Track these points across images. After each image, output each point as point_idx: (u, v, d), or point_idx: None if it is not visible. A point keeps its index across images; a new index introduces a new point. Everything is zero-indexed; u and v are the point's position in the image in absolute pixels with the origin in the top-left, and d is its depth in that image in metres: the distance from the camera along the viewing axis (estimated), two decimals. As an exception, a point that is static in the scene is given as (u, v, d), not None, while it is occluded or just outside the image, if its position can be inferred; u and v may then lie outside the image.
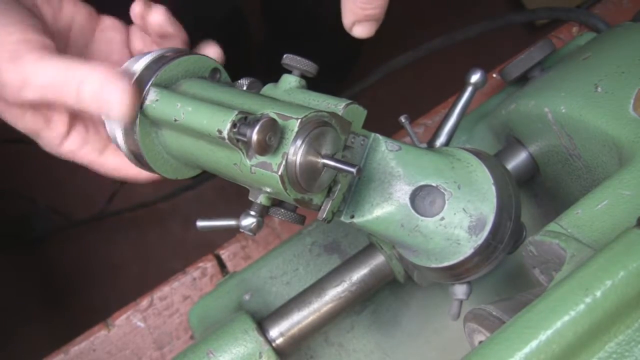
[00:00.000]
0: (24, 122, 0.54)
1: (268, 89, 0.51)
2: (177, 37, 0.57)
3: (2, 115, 0.54)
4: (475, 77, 0.55)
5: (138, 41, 0.60)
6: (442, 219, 0.48)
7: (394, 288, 0.68)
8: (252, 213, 0.49)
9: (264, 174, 0.45)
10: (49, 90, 0.51)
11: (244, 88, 0.53)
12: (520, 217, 0.49)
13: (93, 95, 0.50)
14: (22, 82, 0.50)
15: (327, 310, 0.60)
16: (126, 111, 0.50)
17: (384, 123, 0.66)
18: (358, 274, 0.60)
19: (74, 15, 0.57)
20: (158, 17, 0.55)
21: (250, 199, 0.49)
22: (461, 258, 0.47)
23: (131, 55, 0.60)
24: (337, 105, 0.47)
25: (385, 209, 0.49)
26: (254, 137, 0.43)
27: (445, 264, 0.48)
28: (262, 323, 0.60)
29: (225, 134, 0.44)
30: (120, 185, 1.55)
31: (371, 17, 0.52)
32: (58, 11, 0.56)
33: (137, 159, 0.53)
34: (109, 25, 0.59)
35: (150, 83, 0.51)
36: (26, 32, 0.51)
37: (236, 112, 0.44)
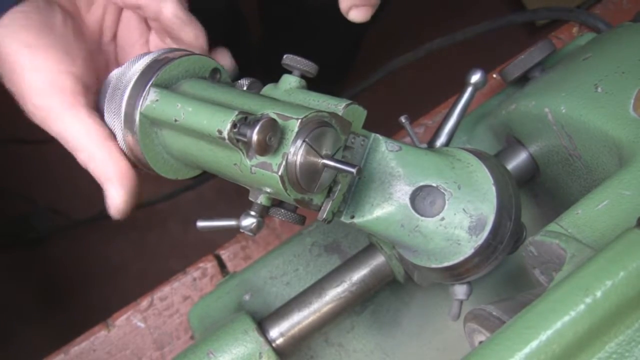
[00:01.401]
0: None
1: (268, 89, 0.51)
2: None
3: None
4: (475, 77, 0.55)
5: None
6: (442, 219, 0.48)
7: (394, 288, 0.68)
8: (252, 213, 0.49)
9: (264, 174, 0.45)
10: (63, 142, 0.53)
11: (244, 88, 0.53)
12: (521, 218, 0.49)
13: (97, 177, 0.53)
14: (43, 120, 0.52)
15: (327, 311, 0.60)
16: (117, 214, 0.53)
17: (384, 123, 0.66)
18: (358, 274, 0.60)
19: (107, 3, 0.58)
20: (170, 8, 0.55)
21: (251, 199, 0.49)
22: (461, 258, 0.47)
23: (148, 29, 0.61)
24: (337, 105, 0.47)
25: (386, 209, 0.49)
26: (254, 137, 0.43)
27: (446, 264, 0.48)
28: (262, 323, 0.60)
29: (225, 134, 0.44)
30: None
31: (367, 2, 0.54)
32: (92, 2, 0.57)
33: (137, 158, 0.53)
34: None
35: (150, 83, 0.51)
36: (61, 61, 0.52)
37: (236, 113, 0.44)
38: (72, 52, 0.53)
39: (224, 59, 0.59)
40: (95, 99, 0.54)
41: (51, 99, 0.51)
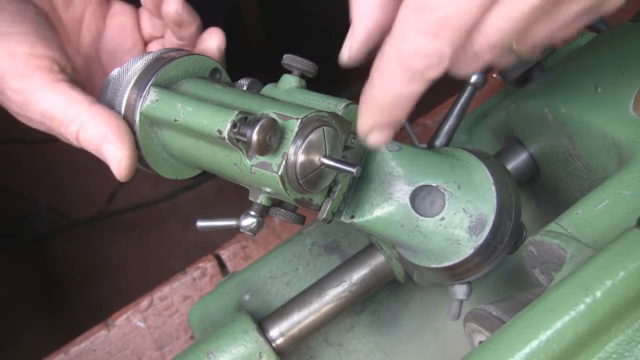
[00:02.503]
0: (34, 125, 0.54)
1: (268, 89, 0.51)
2: (193, 23, 0.56)
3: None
4: (475, 77, 0.55)
5: (148, 25, 0.60)
6: (442, 219, 0.48)
7: (394, 288, 0.68)
8: (252, 213, 0.49)
9: (264, 174, 0.45)
10: (49, 120, 0.51)
11: (244, 88, 0.53)
12: (520, 217, 0.49)
13: (92, 144, 0.50)
14: (24, 103, 0.51)
15: (327, 311, 0.60)
16: (124, 172, 0.50)
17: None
18: (358, 274, 0.60)
19: (86, 4, 0.57)
20: (174, 5, 0.54)
21: (251, 199, 0.49)
22: (461, 258, 0.47)
23: (143, 40, 0.60)
24: (337, 105, 0.48)
25: (385, 209, 0.49)
26: (254, 137, 0.43)
27: (446, 264, 0.48)
28: (262, 323, 0.60)
29: (225, 134, 0.44)
30: (120, 185, 1.55)
31: (394, 120, 0.42)
32: (70, 1, 0.56)
33: (137, 158, 0.53)
34: (118, 10, 0.60)
35: (150, 83, 0.51)
36: (34, 45, 0.51)
37: (236, 112, 0.44)
38: (45, 37, 0.52)
39: (213, 40, 0.57)
40: (73, 78, 0.53)
41: (30, 80, 0.50)
